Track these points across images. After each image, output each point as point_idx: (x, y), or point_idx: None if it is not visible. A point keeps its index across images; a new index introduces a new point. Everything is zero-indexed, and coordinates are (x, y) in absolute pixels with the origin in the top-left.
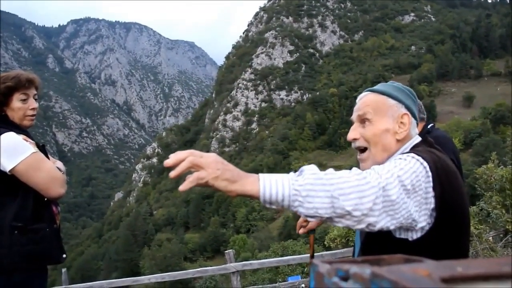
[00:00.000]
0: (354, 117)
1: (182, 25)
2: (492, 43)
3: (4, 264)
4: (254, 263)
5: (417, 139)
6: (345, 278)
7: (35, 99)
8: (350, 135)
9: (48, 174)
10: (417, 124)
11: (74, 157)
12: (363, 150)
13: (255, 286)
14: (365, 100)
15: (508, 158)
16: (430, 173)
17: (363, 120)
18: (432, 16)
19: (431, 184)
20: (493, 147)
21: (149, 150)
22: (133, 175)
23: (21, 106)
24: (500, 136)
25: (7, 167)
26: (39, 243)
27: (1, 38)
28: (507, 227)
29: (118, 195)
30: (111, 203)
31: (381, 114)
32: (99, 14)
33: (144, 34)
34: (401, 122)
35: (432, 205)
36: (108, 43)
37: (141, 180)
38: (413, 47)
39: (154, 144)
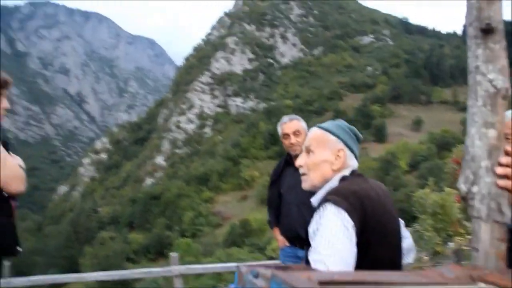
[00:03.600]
0: (303, 147)
1: (144, 21)
2: (443, 72)
3: None
4: (198, 268)
5: (347, 171)
6: (256, 276)
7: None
8: (297, 162)
9: (10, 171)
10: (356, 157)
11: (18, 144)
12: (304, 173)
13: None
14: (312, 134)
15: (444, 184)
16: (344, 213)
17: (308, 151)
18: (389, 40)
19: (349, 218)
20: (437, 171)
21: (98, 145)
22: (80, 169)
23: None
24: (444, 161)
25: None
26: None
27: None
28: (436, 249)
29: (63, 189)
30: (55, 196)
31: (322, 147)
32: None
33: (103, 25)
34: (338, 155)
35: (354, 233)
36: (65, 30)
37: (88, 175)
38: (369, 68)
39: (105, 139)
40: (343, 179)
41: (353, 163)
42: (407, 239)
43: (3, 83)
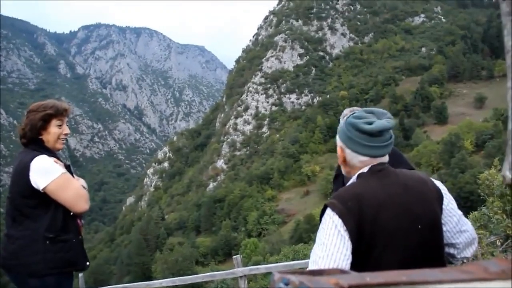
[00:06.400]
0: None
1: (192, 29)
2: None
3: (38, 268)
4: (261, 268)
5: (366, 168)
6: (287, 284)
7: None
8: None
9: (75, 192)
10: (367, 154)
11: (86, 162)
12: None
13: None
14: None
15: None
16: (338, 218)
17: None
18: (442, 17)
19: (342, 223)
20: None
21: (160, 155)
22: (145, 180)
23: (57, 131)
24: None
25: (41, 186)
26: (67, 252)
27: (14, 45)
28: (507, 232)
29: (130, 200)
30: (123, 208)
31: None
32: (110, 19)
33: (154, 39)
34: (340, 153)
35: (347, 237)
36: (119, 48)
37: (152, 185)
38: (423, 49)
39: (165, 149)
40: (359, 176)
41: (358, 162)
42: (466, 233)
43: (64, 111)
